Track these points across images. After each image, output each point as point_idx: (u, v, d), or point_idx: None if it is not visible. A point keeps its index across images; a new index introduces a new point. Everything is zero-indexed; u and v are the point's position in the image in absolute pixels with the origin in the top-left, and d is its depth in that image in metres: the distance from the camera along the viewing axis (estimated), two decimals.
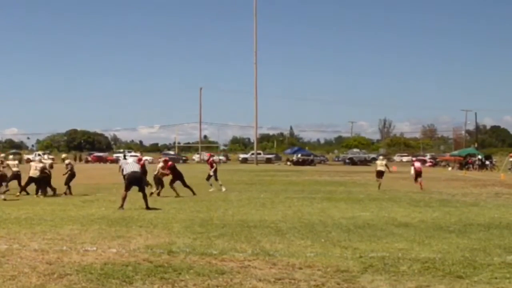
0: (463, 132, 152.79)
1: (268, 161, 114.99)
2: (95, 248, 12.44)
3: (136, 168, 21.53)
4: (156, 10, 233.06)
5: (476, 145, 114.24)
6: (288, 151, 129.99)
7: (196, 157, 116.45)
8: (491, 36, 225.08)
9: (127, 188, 20.96)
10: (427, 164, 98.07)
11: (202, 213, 19.25)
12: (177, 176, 28.16)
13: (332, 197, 26.69)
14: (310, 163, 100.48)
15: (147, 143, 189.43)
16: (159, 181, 27.46)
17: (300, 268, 10.54)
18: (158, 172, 27.50)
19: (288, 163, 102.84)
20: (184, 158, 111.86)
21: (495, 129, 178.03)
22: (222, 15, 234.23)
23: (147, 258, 11.31)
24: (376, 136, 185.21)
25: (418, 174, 33.82)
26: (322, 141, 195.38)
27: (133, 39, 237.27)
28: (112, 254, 11.85)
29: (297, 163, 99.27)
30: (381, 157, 38.94)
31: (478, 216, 19.40)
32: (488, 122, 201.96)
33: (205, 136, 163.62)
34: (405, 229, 15.97)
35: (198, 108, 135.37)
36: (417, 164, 35.29)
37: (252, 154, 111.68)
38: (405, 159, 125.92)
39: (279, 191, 30.53)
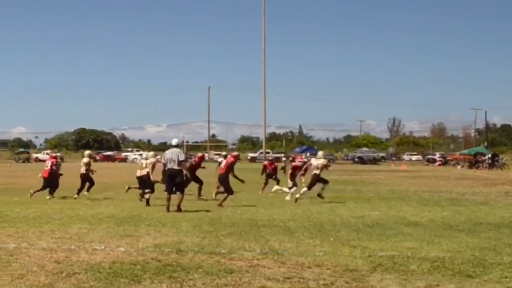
0: (472, 130, 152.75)
1: (277, 160, 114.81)
2: (103, 247, 12.46)
3: (173, 165, 20.13)
4: (164, 9, 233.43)
5: (486, 143, 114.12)
6: (297, 150, 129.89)
7: (205, 156, 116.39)
8: (500, 34, 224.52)
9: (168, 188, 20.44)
10: (437, 163, 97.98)
11: (211, 212, 19.26)
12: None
13: (341, 196, 26.67)
14: None
15: (155, 142, 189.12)
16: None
17: (309, 267, 10.53)
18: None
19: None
20: (192, 156, 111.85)
21: (505, 128, 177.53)
22: (231, 13, 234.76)
23: (156, 257, 11.32)
24: (385, 135, 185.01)
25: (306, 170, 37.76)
26: (331, 140, 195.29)
27: (141, 38, 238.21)
28: (121, 253, 11.87)
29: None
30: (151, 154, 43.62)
31: (488, 215, 19.36)
32: (498, 120, 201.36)
33: (213, 135, 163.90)
34: (415, 228, 15.96)
35: (206, 107, 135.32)
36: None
37: (261, 153, 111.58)
38: (414, 158, 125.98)
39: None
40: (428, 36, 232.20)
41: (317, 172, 24.51)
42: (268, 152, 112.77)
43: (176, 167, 20.04)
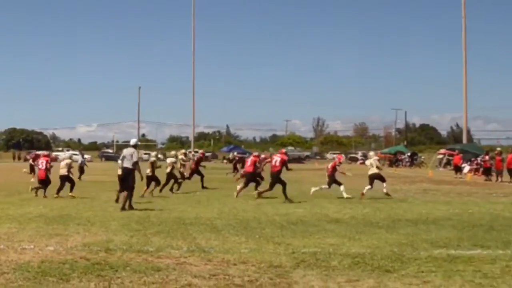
0: (393, 130, 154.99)
1: (205, 159, 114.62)
2: (32, 246, 12.30)
3: (126, 164, 20.19)
4: (96, 10, 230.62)
5: (405, 143, 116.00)
6: (225, 149, 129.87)
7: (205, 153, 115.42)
8: (417, 37, 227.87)
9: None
10: (359, 162, 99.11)
11: (139, 211, 19.12)
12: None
13: (266, 194, 26.74)
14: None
15: (85, 141, 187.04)
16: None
17: (235, 264, 10.56)
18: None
19: (225, 161, 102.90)
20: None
21: (424, 127, 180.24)
22: (161, 14, 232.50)
23: (84, 256, 11.21)
24: (310, 134, 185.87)
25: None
26: (257, 139, 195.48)
27: (72, 38, 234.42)
28: (50, 252, 11.72)
29: (232, 160, 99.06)
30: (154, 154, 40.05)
31: (407, 211, 19.69)
32: (417, 120, 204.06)
33: (143, 135, 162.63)
34: (337, 225, 16.14)
35: (136, 107, 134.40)
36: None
37: (190, 152, 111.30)
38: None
39: (215, 189, 30.50)
40: (350, 37, 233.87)
41: (376, 170, 25.65)
42: (197, 151, 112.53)
43: (129, 166, 20.02)
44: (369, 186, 25.37)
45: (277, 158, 24.70)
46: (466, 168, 52.75)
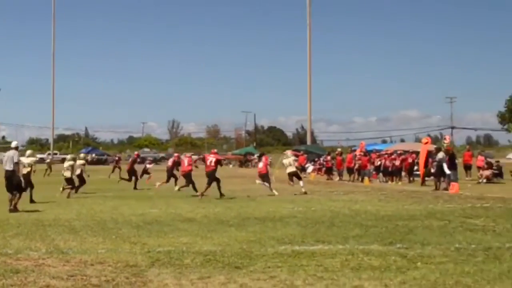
0: (243, 132, 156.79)
1: (64, 161, 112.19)
2: None
3: (8, 166, 19.91)
4: None
5: (255, 144, 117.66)
6: (83, 151, 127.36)
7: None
8: (264, 44, 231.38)
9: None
10: None
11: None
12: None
13: (124, 195, 26.61)
14: (104, 162, 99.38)
15: None
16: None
17: (92, 265, 10.45)
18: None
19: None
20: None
21: (272, 129, 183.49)
22: (20, 14, 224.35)
23: None
24: (166, 136, 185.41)
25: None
26: (115, 141, 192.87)
27: None
28: None
29: (91, 162, 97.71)
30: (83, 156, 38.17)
31: (255, 210, 19.98)
32: (265, 122, 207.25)
33: (3, 137, 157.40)
34: (190, 224, 16.22)
35: None
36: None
37: (49, 154, 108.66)
38: (193, 157, 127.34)
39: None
40: (203, 41, 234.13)
41: (294, 169, 28.21)
42: (56, 153, 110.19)
43: (10, 168, 19.78)
44: (301, 183, 28.23)
45: (211, 158, 25.92)
46: (310, 167, 54.12)
